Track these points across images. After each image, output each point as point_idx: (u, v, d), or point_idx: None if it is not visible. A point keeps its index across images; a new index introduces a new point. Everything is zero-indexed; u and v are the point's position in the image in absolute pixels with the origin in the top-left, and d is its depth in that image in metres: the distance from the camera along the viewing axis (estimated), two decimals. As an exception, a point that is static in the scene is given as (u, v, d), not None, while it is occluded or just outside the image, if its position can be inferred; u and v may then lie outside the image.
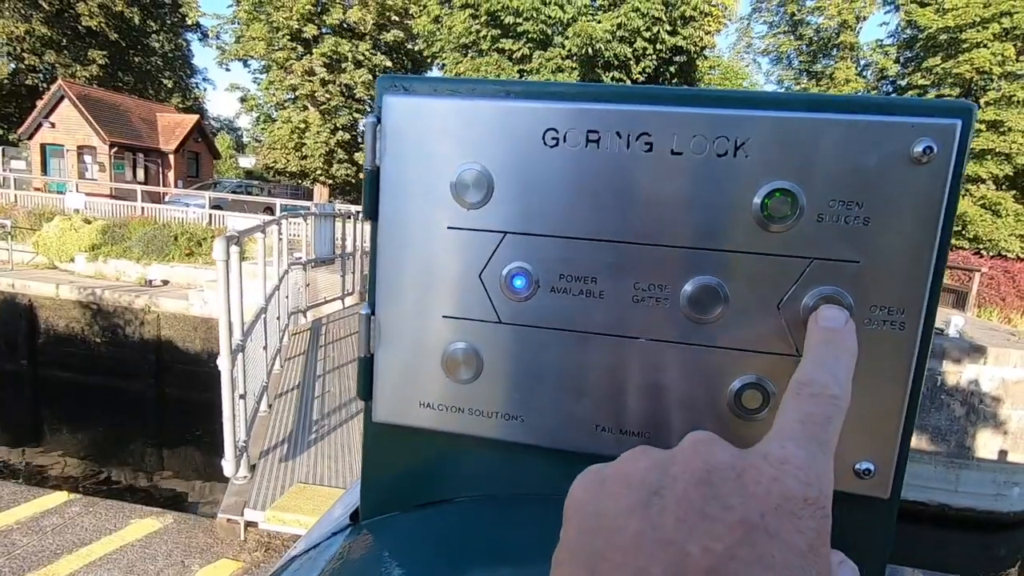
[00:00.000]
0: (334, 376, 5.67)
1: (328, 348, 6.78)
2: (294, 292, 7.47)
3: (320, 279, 9.19)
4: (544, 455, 0.43)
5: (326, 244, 8.55)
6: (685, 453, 0.25)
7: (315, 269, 8.55)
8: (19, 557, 2.81)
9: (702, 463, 0.24)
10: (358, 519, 0.49)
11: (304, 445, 3.86)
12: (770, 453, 0.24)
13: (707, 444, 0.25)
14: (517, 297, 0.41)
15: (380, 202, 0.42)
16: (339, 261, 9.12)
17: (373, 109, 0.43)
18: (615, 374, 0.40)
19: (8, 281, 11.76)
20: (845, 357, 0.31)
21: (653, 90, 0.38)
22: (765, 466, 0.23)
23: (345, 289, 9.17)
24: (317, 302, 8.82)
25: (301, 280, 7.87)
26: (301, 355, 6.37)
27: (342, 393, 5.13)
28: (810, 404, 0.26)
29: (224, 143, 42.29)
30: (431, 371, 0.43)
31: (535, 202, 0.40)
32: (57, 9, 28.63)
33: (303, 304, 7.97)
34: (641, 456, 0.26)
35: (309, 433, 4.08)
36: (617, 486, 0.25)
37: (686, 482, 0.23)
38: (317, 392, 5.18)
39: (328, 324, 7.94)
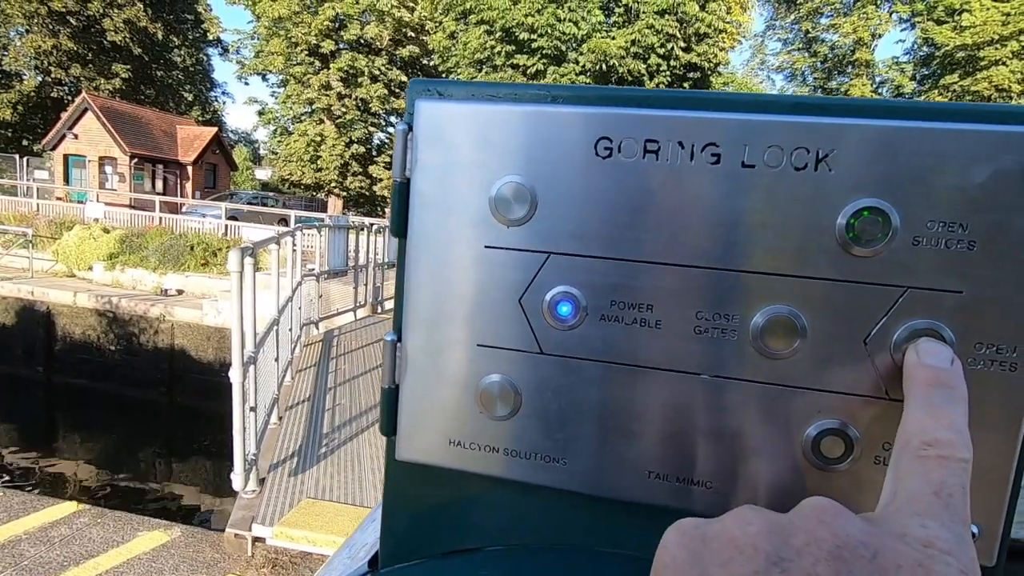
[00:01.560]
0: (345, 389, 5.65)
1: (339, 360, 6.77)
2: (307, 303, 7.49)
3: (333, 291, 9.21)
4: (587, 503, 0.39)
5: (339, 256, 8.58)
6: (807, 521, 0.22)
7: (328, 281, 8.58)
8: (26, 568, 2.79)
9: (830, 535, 0.21)
10: (377, 566, 0.44)
11: (314, 459, 3.81)
12: (909, 533, 0.21)
13: (832, 514, 0.22)
14: (562, 325, 0.36)
15: (410, 217, 0.38)
16: (352, 273, 9.15)
17: (403, 116, 0.39)
18: (673, 414, 0.36)
19: (28, 288, 11.94)
20: (960, 406, 0.26)
21: (722, 95, 0.34)
22: (906, 549, 0.20)
23: (357, 301, 9.19)
24: (329, 314, 8.84)
25: (314, 291, 7.89)
26: (312, 367, 6.36)
27: (353, 406, 5.09)
28: (941, 470, 0.23)
29: (241, 155, 42.97)
30: (463, 406, 0.39)
31: (584, 220, 0.35)
32: (84, 24, 29.45)
33: (316, 315, 7.98)
34: (752, 517, 0.23)
35: (319, 447, 4.04)
36: (726, 550, 0.22)
37: (814, 557, 0.21)
38: (328, 405, 5.15)
39: (340, 336, 7.94)
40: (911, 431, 0.25)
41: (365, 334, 8.25)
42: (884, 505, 0.25)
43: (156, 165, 25.51)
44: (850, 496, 0.34)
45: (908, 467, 0.23)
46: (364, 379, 6.06)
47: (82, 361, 11.60)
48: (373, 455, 3.99)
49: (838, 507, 0.22)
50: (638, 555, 0.39)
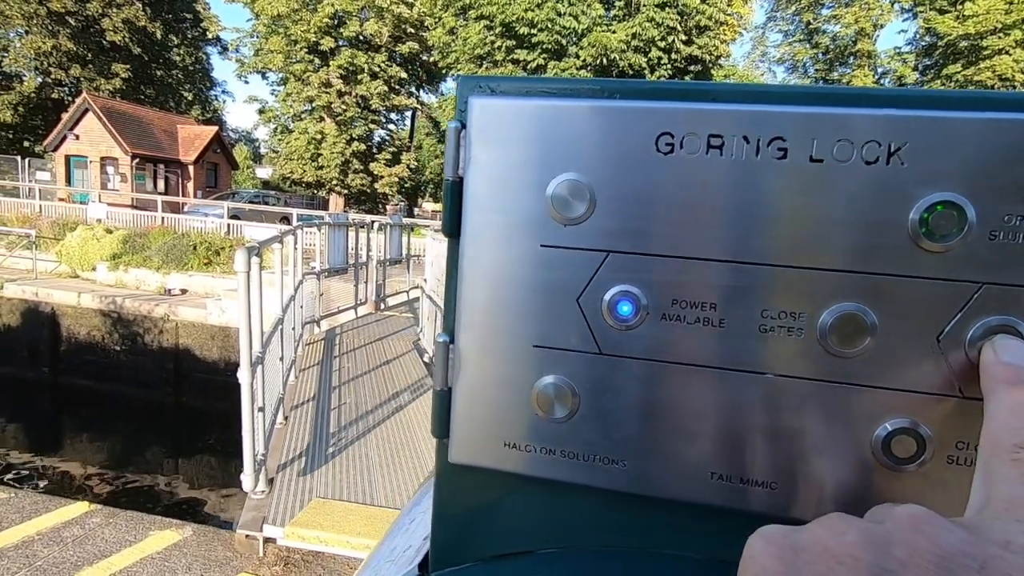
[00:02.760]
0: (350, 387, 5.65)
1: (343, 359, 6.76)
2: (308, 302, 7.49)
3: (333, 288, 9.22)
4: (646, 505, 0.38)
5: (340, 254, 8.57)
6: (905, 532, 0.21)
7: (328, 278, 8.57)
8: (40, 569, 2.80)
9: (931, 546, 0.20)
10: (427, 569, 0.44)
11: (322, 459, 3.82)
12: (1013, 541, 0.20)
13: (928, 522, 0.21)
14: (621, 325, 0.36)
15: (464, 217, 0.38)
16: (352, 271, 9.15)
17: (456, 114, 0.38)
18: (736, 414, 0.35)
19: (32, 290, 11.97)
20: None
21: (789, 89, 0.33)
22: (1014, 558, 0.20)
23: (358, 299, 9.19)
24: (331, 312, 8.84)
25: (315, 290, 7.89)
26: (316, 365, 6.36)
27: (358, 405, 5.09)
28: None
29: (242, 154, 42.95)
30: (519, 408, 0.38)
31: (645, 217, 0.35)
32: (83, 25, 29.42)
33: (317, 314, 7.98)
34: (844, 526, 0.23)
35: (327, 446, 4.04)
36: (823, 561, 0.22)
37: (919, 569, 0.20)
38: (333, 404, 5.14)
39: (342, 334, 7.94)
40: (999, 433, 0.25)
41: (367, 332, 8.25)
42: (977, 511, 0.24)
43: (157, 165, 25.52)
44: (923, 497, 0.33)
45: (1001, 471, 0.22)
46: (369, 378, 6.06)
47: (87, 362, 11.64)
48: (382, 454, 3.99)
49: (933, 515, 0.22)
50: (698, 557, 0.39)
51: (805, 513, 0.35)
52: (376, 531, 2.92)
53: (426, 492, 0.68)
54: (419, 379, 6.10)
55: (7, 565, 2.82)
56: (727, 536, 0.38)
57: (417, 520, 0.57)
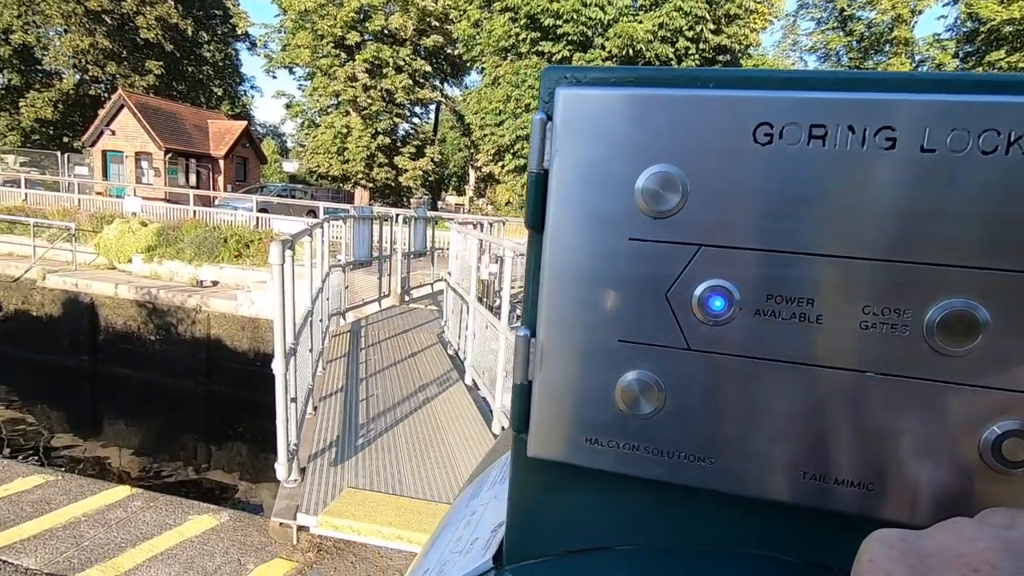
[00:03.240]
0: (377, 379, 5.70)
1: (369, 351, 6.84)
2: (334, 294, 7.60)
3: (357, 281, 9.33)
4: (731, 504, 0.37)
5: (364, 246, 8.66)
6: None
7: (353, 271, 8.67)
8: (87, 549, 2.91)
9: None
10: (501, 562, 0.44)
11: (352, 449, 3.87)
12: None
13: None
14: (712, 320, 0.35)
15: (548, 209, 0.37)
16: (376, 263, 9.23)
17: (540, 105, 0.38)
18: (834, 413, 0.34)
19: (72, 281, 12.40)
20: None
21: (900, 76, 0.32)
22: None
23: (382, 291, 9.28)
24: (355, 304, 8.95)
25: (341, 282, 7.99)
26: (343, 357, 6.42)
27: (387, 398, 5.14)
28: None
29: (269, 148, 43.69)
30: (602, 403, 0.38)
31: (740, 210, 0.34)
32: (118, 23, 30.22)
33: (343, 306, 8.09)
34: (974, 533, 0.22)
35: (356, 437, 4.10)
36: (955, 568, 0.21)
37: None
38: (361, 396, 5.19)
39: (367, 326, 8.03)
40: None
41: (392, 324, 8.32)
42: None
43: (189, 159, 26.12)
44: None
45: None
46: (395, 370, 6.12)
47: (124, 351, 12.03)
48: (410, 447, 4.03)
49: None
50: (783, 558, 0.38)
51: (902, 516, 0.34)
52: (407, 521, 2.95)
53: (482, 484, 0.68)
54: (445, 372, 6.14)
55: (56, 544, 2.94)
56: (816, 537, 0.38)
57: (479, 513, 0.57)
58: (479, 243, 6.48)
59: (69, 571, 2.74)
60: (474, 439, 4.33)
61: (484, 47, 22.90)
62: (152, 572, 2.77)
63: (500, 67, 22.31)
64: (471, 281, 6.02)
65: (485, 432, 4.46)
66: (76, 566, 2.79)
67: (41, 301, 12.61)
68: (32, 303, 12.72)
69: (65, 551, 2.89)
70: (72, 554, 2.87)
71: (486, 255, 7.15)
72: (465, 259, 7.00)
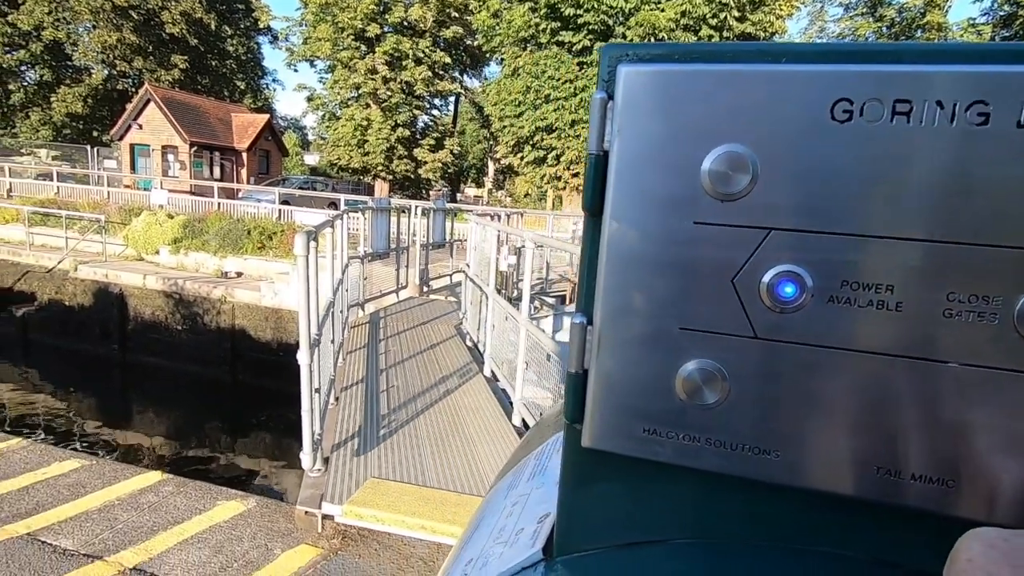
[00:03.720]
0: (397, 371, 5.73)
1: (388, 342, 6.87)
2: (353, 285, 7.65)
3: (375, 272, 9.38)
4: (793, 497, 0.36)
5: (382, 238, 8.70)
6: None
7: (371, 262, 8.73)
8: (121, 531, 3.00)
9: None
10: (551, 553, 0.43)
11: (374, 440, 3.91)
12: None
13: None
14: (782, 307, 0.33)
15: (608, 192, 0.36)
16: (394, 255, 9.27)
17: (599, 83, 0.36)
18: (911, 406, 0.32)
19: (103, 271, 12.72)
20: None
21: (994, 46, 0.30)
22: None
23: (399, 283, 9.33)
24: (373, 295, 9.01)
25: (359, 273, 8.05)
26: (362, 348, 6.46)
27: (407, 389, 5.18)
28: None
29: (291, 141, 44.17)
30: (661, 392, 0.36)
31: (814, 191, 0.32)
32: (144, 18, 30.74)
33: (361, 297, 8.16)
34: None
35: (378, 428, 4.13)
36: None
37: None
38: (382, 387, 5.21)
39: (386, 317, 8.07)
40: None
41: (410, 315, 8.36)
42: None
43: (213, 152, 26.53)
44: None
45: None
46: (415, 361, 6.15)
47: (152, 340, 12.32)
48: (431, 438, 4.06)
49: None
50: (849, 554, 0.36)
51: (982, 514, 0.32)
52: (430, 512, 2.97)
53: (520, 474, 0.68)
54: (464, 364, 6.16)
55: (91, 527, 3.03)
56: (884, 534, 0.36)
57: (521, 503, 0.56)
58: (498, 235, 6.46)
59: (104, 552, 2.83)
60: (495, 431, 4.34)
61: (504, 38, 22.76)
62: (183, 555, 2.84)
63: (520, 58, 22.15)
64: (490, 273, 6.02)
65: (505, 424, 4.47)
66: (111, 548, 2.87)
67: (73, 291, 12.97)
68: (65, 293, 13.09)
69: (100, 533, 2.98)
70: (107, 536, 2.96)
71: (505, 247, 7.13)
72: (484, 251, 6.99)
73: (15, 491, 3.31)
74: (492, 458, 3.86)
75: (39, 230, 14.81)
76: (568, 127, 21.46)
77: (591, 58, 20.82)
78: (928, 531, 0.35)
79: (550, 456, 0.63)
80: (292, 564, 2.83)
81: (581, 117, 21.18)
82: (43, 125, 31.25)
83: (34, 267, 13.49)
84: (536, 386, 4.45)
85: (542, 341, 4.18)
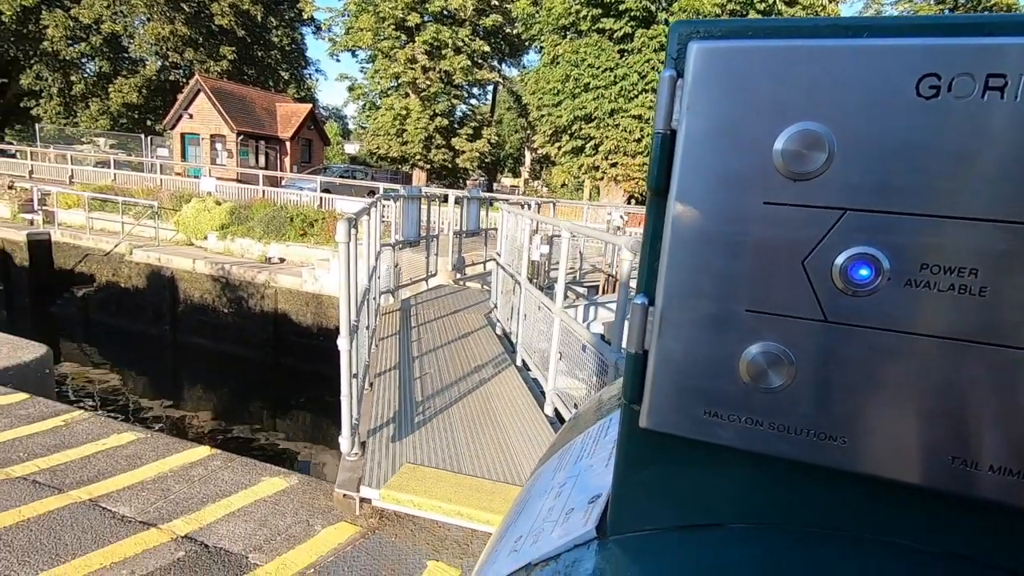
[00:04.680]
0: (430, 359, 5.76)
1: (420, 329, 6.90)
2: (385, 272, 7.74)
3: (405, 260, 9.47)
4: (857, 485, 0.35)
5: (412, 226, 8.76)
6: None
7: (401, 250, 8.82)
8: (173, 501, 3.16)
9: None
10: (604, 532, 0.44)
11: (409, 426, 3.97)
12: None
13: None
14: (855, 290, 0.32)
15: (674, 172, 0.35)
16: (424, 243, 9.34)
17: (666, 62, 0.36)
18: (995, 395, 0.31)
19: (156, 256, 13.31)
20: None
21: None
22: None
23: (429, 270, 9.40)
24: (403, 283, 9.11)
25: (391, 261, 8.14)
26: (394, 335, 6.47)
27: (441, 377, 5.22)
28: None
29: (332, 130, 45.02)
30: (724, 375, 0.36)
31: (895, 170, 0.31)
32: (195, 10, 31.76)
33: (392, 284, 8.26)
34: None
35: (413, 415, 4.20)
36: None
37: None
38: (416, 374, 5.25)
39: (417, 305, 8.14)
40: None
41: (441, 303, 8.41)
42: None
43: (259, 141, 27.30)
44: None
45: None
46: (447, 349, 6.18)
47: (201, 322, 12.85)
48: (465, 426, 4.10)
49: None
50: (921, 547, 0.36)
51: None
52: (466, 499, 3.02)
53: (565, 456, 0.68)
54: (495, 352, 6.17)
55: (147, 496, 3.21)
56: (957, 526, 0.35)
57: (570, 484, 0.57)
58: (531, 223, 6.43)
59: (158, 520, 2.99)
60: (527, 421, 4.35)
61: (543, 25, 22.53)
62: (230, 527, 2.97)
63: (559, 46, 21.90)
64: (522, 262, 6.00)
65: (537, 414, 4.48)
66: (164, 516, 3.03)
67: (129, 274, 13.63)
68: (121, 275, 13.77)
69: (155, 502, 3.15)
70: (161, 505, 3.12)
71: (537, 236, 7.09)
72: (516, 239, 6.98)
73: (79, 459, 3.52)
74: (525, 447, 3.88)
75: (98, 215, 15.60)
76: (607, 116, 21.14)
77: (632, 45, 20.41)
78: (1007, 525, 0.33)
79: (598, 439, 0.63)
80: (332, 540, 2.93)
81: (621, 106, 20.81)
82: (102, 115, 32.77)
83: (93, 250, 14.23)
84: (568, 376, 4.44)
85: (578, 332, 4.16)
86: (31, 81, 31.63)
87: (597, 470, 0.56)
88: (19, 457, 3.48)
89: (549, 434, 4.11)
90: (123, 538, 2.83)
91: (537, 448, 3.86)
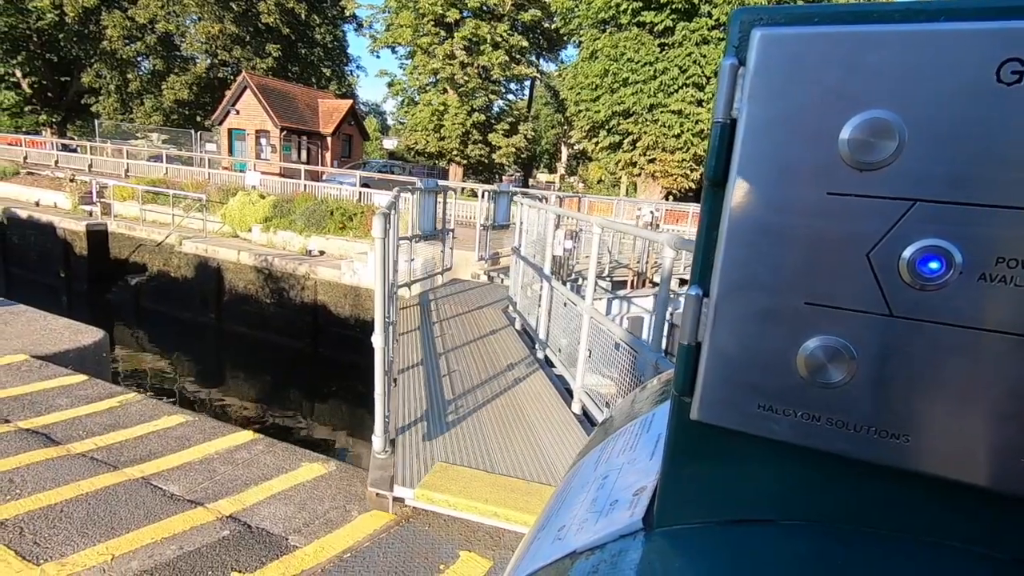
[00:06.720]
0: (456, 356, 5.61)
1: (442, 325, 6.75)
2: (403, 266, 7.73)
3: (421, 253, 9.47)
4: (923, 486, 0.34)
5: (429, 220, 8.72)
6: None
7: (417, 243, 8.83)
8: (218, 482, 3.29)
9: None
10: (651, 524, 0.44)
11: (439, 424, 3.94)
12: None
13: None
14: (924, 284, 0.31)
15: (734, 161, 0.35)
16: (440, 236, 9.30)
17: (729, 49, 0.35)
18: None
19: (203, 247, 13.83)
20: None
21: None
22: None
23: (444, 264, 9.40)
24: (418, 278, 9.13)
25: (408, 255, 8.12)
26: (415, 330, 6.36)
27: (469, 375, 5.11)
28: None
29: (371, 126, 45.76)
30: (781, 368, 0.36)
31: (970, 160, 0.30)
32: (243, 9, 32.76)
33: (410, 278, 8.28)
34: None
35: (443, 414, 4.14)
36: None
37: None
38: (443, 371, 5.17)
39: (436, 300, 8.10)
40: None
41: (460, 298, 8.33)
42: None
43: (301, 136, 27.99)
44: None
45: None
46: (470, 346, 6.01)
47: (244, 312, 13.29)
48: (495, 424, 4.08)
49: None
50: (986, 552, 0.34)
51: None
52: (502, 499, 3.03)
53: (605, 450, 0.68)
54: (517, 348, 6.04)
55: (194, 476, 3.35)
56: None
57: (613, 476, 0.57)
58: (556, 218, 6.30)
59: (205, 500, 3.12)
60: (556, 419, 4.28)
61: (582, 19, 22.32)
62: (272, 509, 3.08)
63: (598, 40, 21.65)
64: (545, 257, 5.92)
65: (566, 412, 4.42)
66: (211, 496, 3.16)
67: (178, 264, 14.21)
68: (171, 265, 14.37)
69: (202, 482, 3.28)
70: (207, 485, 3.26)
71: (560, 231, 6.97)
72: (537, 232, 6.88)
73: (132, 439, 3.71)
74: (556, 446, 3.84)
75: (150, 207, 16.29)
76: (646, 111, 20.80)
77: (673, 39, 20.00)
78: None
79: (640, 434, 0.63)
80: (368, 527, 3.00)
81: (660, 101, 20.45)
82: (155, 111, 34.20)
83: (145, 241, 14.89)
84: (596, 374, 4.37)
85: (612, 330, 4.11)
86: (91, 79, 33.28)
87: (640, 464, 0.56)
88: (79, 435, 3.69)
89: (579, 433, 4.07)
90: (172, 515, 2.96)
91: (568, 447, 3.83)
